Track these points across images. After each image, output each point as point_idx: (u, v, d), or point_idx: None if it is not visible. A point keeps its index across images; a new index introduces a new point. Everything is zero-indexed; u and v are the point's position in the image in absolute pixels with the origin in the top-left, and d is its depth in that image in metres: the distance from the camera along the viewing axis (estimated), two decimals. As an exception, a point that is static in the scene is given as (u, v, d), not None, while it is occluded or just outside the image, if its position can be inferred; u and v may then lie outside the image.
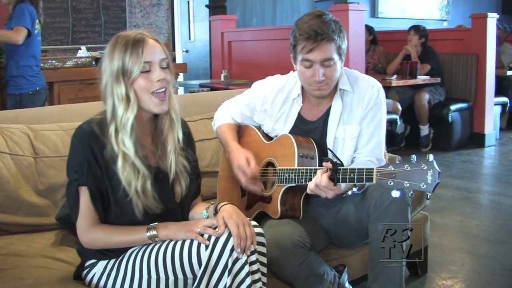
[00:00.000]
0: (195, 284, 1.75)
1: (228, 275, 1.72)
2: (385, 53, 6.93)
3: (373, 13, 9.00)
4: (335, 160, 1.98)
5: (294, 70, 2.39)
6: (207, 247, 1.74)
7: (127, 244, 1.86)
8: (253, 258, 1.78)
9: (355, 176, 1.94)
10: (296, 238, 2.11)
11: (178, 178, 1.96)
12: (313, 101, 2.36)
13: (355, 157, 2.31)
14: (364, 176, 1.92)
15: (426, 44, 6.53)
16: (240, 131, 2.54)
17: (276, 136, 2.40)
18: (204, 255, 1.74)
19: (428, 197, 1.81)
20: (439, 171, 1.79)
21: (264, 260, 1.87)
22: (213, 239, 1.75)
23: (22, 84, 4.55)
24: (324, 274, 2.20)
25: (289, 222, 2.20)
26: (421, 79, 6.19)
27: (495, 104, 6.79)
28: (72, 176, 1.83)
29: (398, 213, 2.11)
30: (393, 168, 1.84)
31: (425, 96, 6.23)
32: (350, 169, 1.96)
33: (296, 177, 2.14)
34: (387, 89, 6.07)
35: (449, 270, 3.17)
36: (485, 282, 3.04)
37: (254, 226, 1.85)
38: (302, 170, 2.13)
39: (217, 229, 1.77)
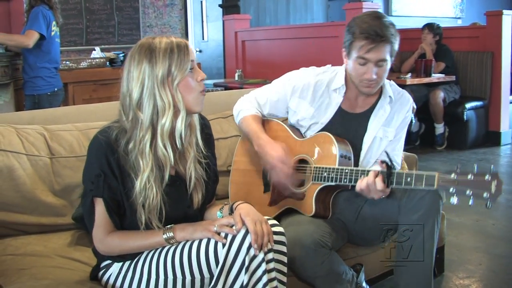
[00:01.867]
0: (212, 283, 1.74)
1: (245, 273, 1.72)
2: (399, 51, 6.88)
3: (387, 11, 8.99)
4: (390, 163, 2.00)
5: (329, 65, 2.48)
6: (224, 245, 1.73)
7: (144, 248, 1.86)
8: (269, 256, 1.77)
9: (413, 181, 1.95)
10: (318, 238, 2.10)
11: (196, 186, 1.96)
12: (354, 95, 2.39)
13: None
14: (424, 181, 1.93)
15: (440, 42, 6.49)
16: (266, 125, 2.50)
17: (310, 126, 2.40)
18: (221, 253, 1.73)
19: (489, 207, 1.83)
20: (503, 182, 1.82)
21: (284, 259, 1.86)
22: (229, 237, 1.74)
23: (40, 85, 4.60)
24: (343, 273, 2.19)
25: (311, 221, 2.20)
26: (436, 77, 6.16)
27: (510, 102, 6.73)
28: (88, 187, 1.82)
29: (432, 206, 2.12)
30: (456, 176, 1.87)
31: (440, 94, 6.19)
32: (406, 173, 1.98)
33: (338, 176, 2.15)
34: (402, 87, 6.04)
35: (466, 269, 3.14)
36: (502, 282, 3.01)
37: (274, 225, 1.85)
38: (346, 170, 2.14)
39: (233, 227, 1.76)
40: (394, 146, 2.42)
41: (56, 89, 4.71)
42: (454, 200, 1.87)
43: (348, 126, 2.37)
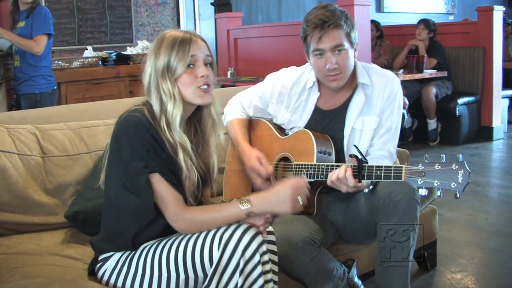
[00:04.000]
0: (205, 283, 1.75)
1: (240, 275, 1.72)
2: (391, 47, 6.91)
3: (379, 7, 9.00)
4: (360, 157, 1.98)
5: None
6: (219, 246, 1.73)
7: (223, 222, 1.80)
8: (265, 258, 1.77)
9: (382, 174, 1.94)
10: (306, 235, 2.10)
11: (215, 178, 2.01)
12: (329, 92, 2.36)
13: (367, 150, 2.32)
14: (392, 174, 1.92)
15: (433, 39, 6.51)
16: (252, 124, 2.53)
17: (291, 128, 2.40)
18: (216, 254, 1.73)
19: (458, 196, 1.82)
20: (470, 171, 1.80)
21: (275, 258, 1.87)
22: (225, 238, 1.73)
23: (41, 84, 4.59)
24: (333, 270, 2.19)
25: (299, 218, 2.19)
26: (428, 73, 6.16)
27: (502, 97, 6.75)
28: (140, 165, 1.77)
29: (407, 211, 2.10)
30: (422, 167, 1.85)
31: (432, 90, 6.21)
32: (376, 166, 1.96)
33: (316, 172, 2.14)
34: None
35: (459, 263, 3.16)
36: (495, 276, 3.02)
37: None
38: (323, 166, 2.13)
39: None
40: (386, 137, 2.31)
41: (55, 87, 4.73)
42: (422, 192, 1.86)
43: (327, 123, 2.35)
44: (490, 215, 4.00)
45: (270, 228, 1.89)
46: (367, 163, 1.99)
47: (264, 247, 1.77)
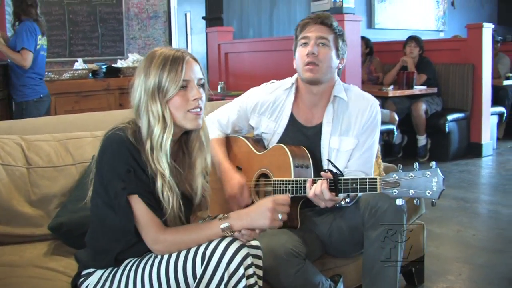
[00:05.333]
0: (188, 298, 1.72)
1: (224, 288, 1.69)
2: (381, 63, 6.94)
3: (370, 24, 9.04)
4: (335, 170, 1.98)
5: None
6: (202, 260, 1.70)
7: (201, 241, 1.76)
8: (250, 271, 1.75)
9: (358, 186, 1.94)
10: (290, 247, 2.09)
11: (200, 202, 1.97)
12: (306, 103, 2.37)
13: (344, 171, 2.30)
14: (368, 186, 1.92)
15: (422, 55, 6.55)
16: (229, 142, 2.52)
17: (271, 138, 2.40)
18: (199, 269, 1.71)
19: (434, 204, 1.83)
20: (443, 177, 1.81)
21: (260, 273, 1.85)
22: (208, 252, 1.71)
23: (26, 93, 4.88)
24: (319, 283, 2.18)
25: (284, 231, 2.18)
26: (418, 89, 6.20)
27: (491, 114, 6.81)
28: (119, 186, 1.74)
29: (394, 220, 2.11)
30: (397, 177, 1.86)
31: (422, 106, 6.24)
32: (351, 179, 1.96)
33: (294, 188, 2.13)
34: (384, 99, 6.09)
35: (446, 279, 3.15)
36: (483, 292, 3.02)
37: None
38: (300, 181, 2.12)
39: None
40: (364, 158, 2.32)
41: (42, 95, 4.95)
42: (399, 202, 1.86)
43: (304, 140, 2.35)
44: (479, 231, 4.00)
45: (257, 243, 1.87)
46: (343, 176, 2.00)
47: (248, 260, 1.74)
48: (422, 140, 6.39)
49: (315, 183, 2.05)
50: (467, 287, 3.09)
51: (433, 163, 1.83)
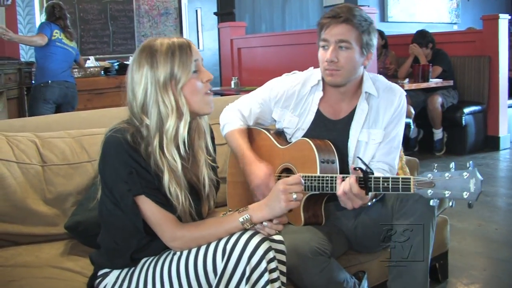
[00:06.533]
0: (210, 295, 1.68)
1: (246, 283, 1.64)
2: (396, 57, 6.87)
3: (383, 17, 8.96)
4: (365, 168, 1.90)
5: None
6: (223, 255, 1.66)
7: (221, 235, 1.72)
8: (272, 265, 1.69)
9: (390, 185, 1.85)
10: (315, 245, 2.02)
11: (208, 193, 1.91)
12: (333, 98, 2.30)
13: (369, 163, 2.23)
14: (401, 186, 1.83)
15: (435, 47, 6.46)
16: (251, 134, 2.44)
17: (294, 133, 2.33)
18: (220, 264, 1.66)
19: (471, 206, 1.73)
20: (482, 178, 1.72)
21: (284, 269, 1.79)
22: (229, 246, 1.66)
23: (36, 76, 5.35)
24: (344, 282, 2.11)
25: (308, 228, 2.11)
26: (434, 82, 6.12)
27: (509, 107, 6.70)
28: (123, 188, 1.70)
29: (426, 210, 2.04)
30: (432, 177, 1.76)
31: (438, 100, 6.15)
32: (383, 178, 1.87)
33: (320, 184, 2.03)
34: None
35: (470, 275, 3.08)
36: (508, 287, 2.95)
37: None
38: (327, 178, 2.02)
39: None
40: (387, 148, 2.26)
41: (49, 81, 5.19)
42: (434, 203, 1.77)
43: (331, 134, 2.27)
44: (500, 226, 3.93)
45: (280, 237, 1.80)
46: (373, 173, 1.91)
47: (271, 254, 1.68)
48: (438, 133, 6.30)
49: (344, 180, 1.96)
50: (492, 283, 3.03)
51: (470, 163, 1.74)
